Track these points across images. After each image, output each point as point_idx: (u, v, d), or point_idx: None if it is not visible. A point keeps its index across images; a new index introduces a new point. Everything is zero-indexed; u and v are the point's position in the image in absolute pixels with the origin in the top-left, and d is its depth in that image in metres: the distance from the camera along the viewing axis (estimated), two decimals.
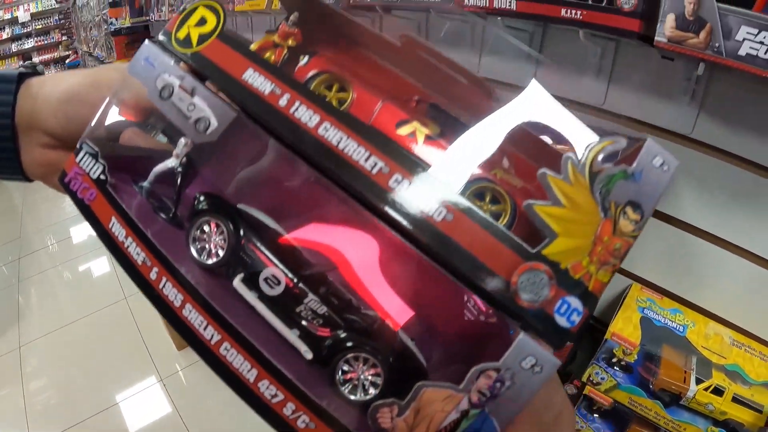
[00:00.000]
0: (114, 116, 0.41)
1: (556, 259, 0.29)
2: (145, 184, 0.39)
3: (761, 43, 0.64)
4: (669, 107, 0.96)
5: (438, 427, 0.29)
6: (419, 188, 0.31)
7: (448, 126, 0.37)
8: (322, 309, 0.34)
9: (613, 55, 1.00)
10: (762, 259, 0.97)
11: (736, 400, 0.90)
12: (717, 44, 0.68)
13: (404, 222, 0.30)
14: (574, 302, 0.29)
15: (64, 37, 8.35)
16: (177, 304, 0.33)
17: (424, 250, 0.30)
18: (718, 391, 0.91)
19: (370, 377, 0.33)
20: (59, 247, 3.84)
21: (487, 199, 0.35)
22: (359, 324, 0.34)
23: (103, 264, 3.48)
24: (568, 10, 0.83)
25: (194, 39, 0.38)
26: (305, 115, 0.33)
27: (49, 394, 2.60)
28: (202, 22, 0.38)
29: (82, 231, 3.90)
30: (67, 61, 8.26)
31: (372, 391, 0.32)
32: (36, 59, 8.25)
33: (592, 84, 1.02)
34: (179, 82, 0.37)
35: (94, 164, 0.38)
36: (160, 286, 0.34)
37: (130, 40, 3.59)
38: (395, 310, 0.34)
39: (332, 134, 0.32)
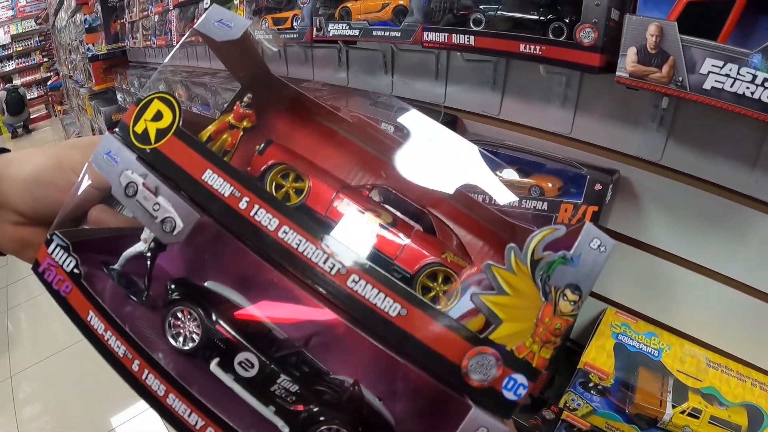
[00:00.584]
0: (78, 198, 0.42)
1: (502, 342, 0.33)
2: (116, 267, 0.41)
3: (727, 75, 0.61)
4: (637, 134, 0.97)
5: None
6: (374, 287, 0.34)
7: (399, 208, 0.40)
8: (294, 387, 0.37)
9: (578, 84, 1.01)
10: (735, 282, 0.97)
11: (713, 421, 0.90)
12: (681, 78, 0.66)
13: (363, 321, 0.33)
14: (520, 378, 0.32)
15: (45, 59, 8.33)
16: (161, 393, 0.36)
17: (383, 342, 0.33)
18: (694, 414, 0.91)
19: None
20: None
21: (440, 280, 0.38)
22: (330, 395, 0.37)
23: None
24: (527, 46, 0.81)
25: (152, 134, 0.40)
26: (265, 218, 0.36)
27: (44, 420, 2.58)
28: (159, 116, 0.40)
29: None
30: (48, 83, 8.23)
31: None
32: (17, 81, 8.23)
33: (558, 113, 1.02)
34: (143, 180, 0.38)
35: (67, 257, 0.40)
36: (143, 377, 0.36)
37: (107, 66, 3.58)
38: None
39: (291, 237, 0.35)
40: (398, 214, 0.40)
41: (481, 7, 0.82)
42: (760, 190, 0.87)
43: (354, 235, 0.37)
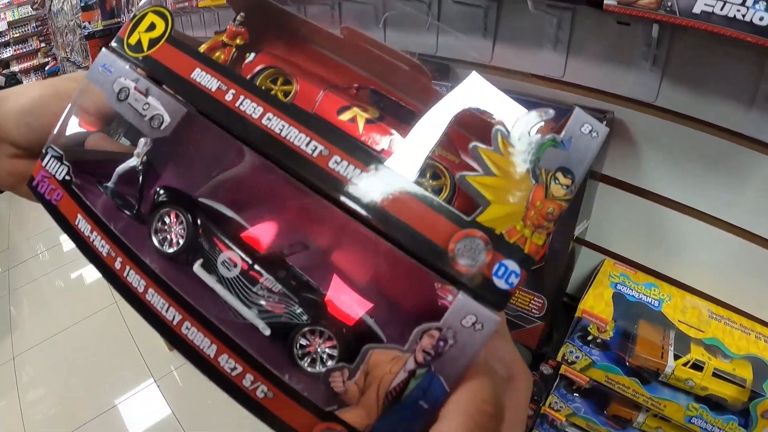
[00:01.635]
0: (76, 124, 0.43)
1: (491, 225, 0.31)
2: (109, 184, 0.41)
3: None
4: (630, 75, 0.95)
5: (388, 388, 0.30)
6: (356, 167, 0.33)
7: (388, 110, 0.39)
8: (277, 287, 0.36)
9: (569, 25, 0.99)
10: (738, 229, 0.96)
11: (717, 375, 0.89)
12: (669, 3, 0.65)
13: (348, 202, 0.32)
14: (512, 265, 0.31)
15: (43, 44, 8.29)
16: (140, 289, 0.36)
17: (367, 226, 0.32)
18: (697, 367, 0.89)
19: (327, 350, 0.35)
20: (49, 255, 3.83)
21: (428, 175, 0.37)
22: (314, 300, 0.36)
23: (93, 269, 3.43)
24: None
25: (145, 44, 0.40)
26: (249, 107, 0.36)
27: (48, 403, 2.61)
28: (152, 27, 0.40)
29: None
30: (46, 68, 8.20)
31: (330, 362, 0.34)
32: (15, 68, 8.19)
33: (550, 56, 1.01)
34: (134, 84, 0.39)
35: (59, 166, 0.41)
36: (125, 274, 0.37)
37: (104, 43, 3.55)
38: (353, 302, 0.36)
39: (275, 123, 0.35)
40: (386, 111, 0.39)
41: None
42: (758, 129, 0.85)
43: (338, 124, 0.37)
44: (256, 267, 0.37)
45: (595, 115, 0.82)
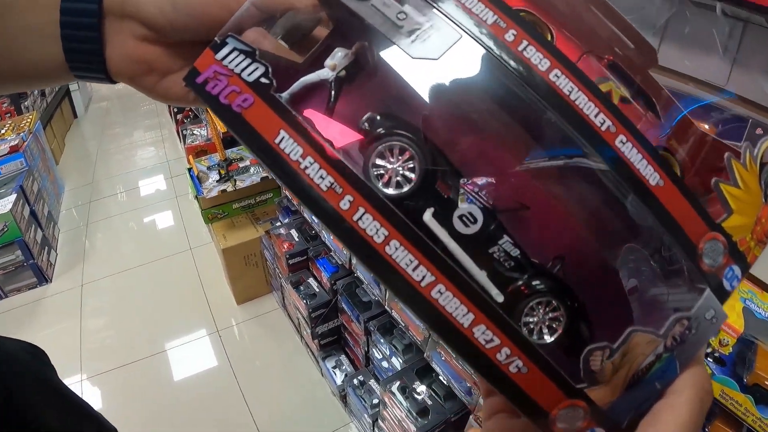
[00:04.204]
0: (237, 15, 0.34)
1: (730, 232, 0.34)
2: (285, 95, 0.33)
3: None
4: None
5: (637, 369, 0.32)
6: (638, 151, 0.33)
7: (632, 91, 0.37)
8: (515, 251, 0.33)
9: (740, 35, 0.99)
10: None
11: None
12: None
13: (623, 182, 0.32)
14: (737, 270, 0.35)
15: None
16: (378, 239, 0.29)
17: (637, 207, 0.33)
18: None
19: (551, 321, 0.33)
20: (127, 196, 3.92)
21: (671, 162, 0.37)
22: (545, 269, 0.34)
23: (167, 217, 3.57)
24: None
25: None
26: (535, 56, 0.32)
27: (105, 333, 2.67)
28: None
29: (150, 184, 4.01)
30: None
31: (547, 338, 0.33)
32: None
33: (715, 63, 1.03)
34: None
35: (250, 64, 0.32)
36: (355, 217, 0.29)
37: None
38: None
39: (563, 83, 0.32)
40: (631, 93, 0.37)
41: None
42: None
43: (606, 99, 0.34)
44: (497, 225, 0.33)
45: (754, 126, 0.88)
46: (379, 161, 0.32)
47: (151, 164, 4.30)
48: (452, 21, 0.32)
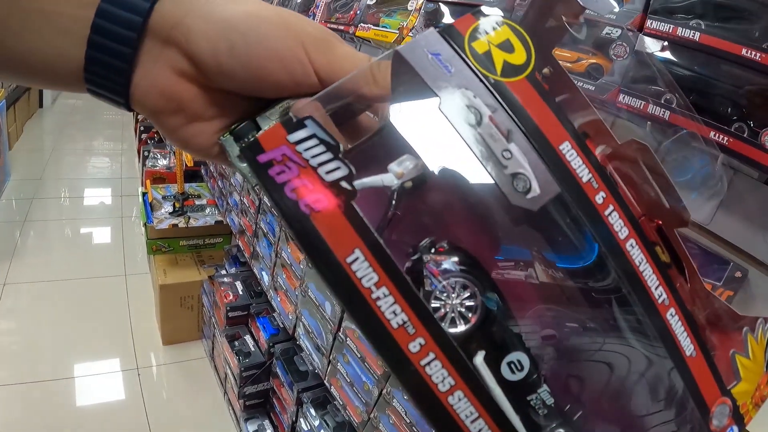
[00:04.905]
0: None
1: (736, 397, 0.39)
2: (350, 187, 0.29)
3: None
4: None
5: None
6: (683, 325, 0.36)
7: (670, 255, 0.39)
8: (551, 400, 0.33)
9: (728, 182, 1.04)
10: None
11: None
12: None
13: (667, 352, 0.36)
14: (736, 430, 0.39)
15: None
16: (443, 388, 0.28)
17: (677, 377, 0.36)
18: None
19: None
20: (71, 203, 3.82)
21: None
22: (573, 420, 0.35)
23: (107, 235, 3.47)
24: (717, 134, 0.90)
25: (498, 63, 0.31)
26: (617, 223, 0.33)
27: (13, 338, 2.53)
28: (508, 47, 0.32)
29: (98, 196, 3.92)
30: None
31: None
32: None
33: (702, 203, 1.05)
34: (489, 113, 0.30)
35: (331, 159, 0.28)
36: (423, 362, 0.27)
37: None
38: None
39: (636, 254, 0.34)
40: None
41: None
42: None
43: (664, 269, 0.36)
44: (538, 375, 0.33)
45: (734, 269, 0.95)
46: (439, 293, 0.30)
47: (103, 176, 4.21)
48: (552, 173, 0.32)
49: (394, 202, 0.30)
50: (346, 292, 0.27)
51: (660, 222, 0.37)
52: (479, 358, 0.30)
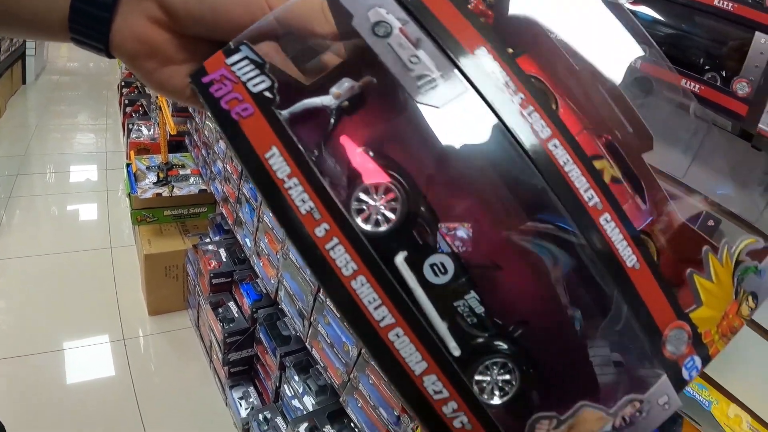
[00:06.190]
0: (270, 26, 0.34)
1: (696, 323, 0.35)
2: (285, 113, 0.32)
3: None
4: (743, 195, 1.06)
5: None
6: (620, 231, 0.33)
7: (623, 172, 0.38)
8: (480, 308, 0.32)
9: (702, 135, 1.06)
10: None
11: None
12: None
13: (601, 261, 0.33)
14: (698, 361, 0.35)
15: None
16: (346, 272, 0.29)
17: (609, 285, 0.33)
18: None
19: (504, 384, 0.32)
20: (56, 178, 3.78)
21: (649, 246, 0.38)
22: (506, 330, 0.33)
23: (93, 210, 3.43)
24: (688, 82, 0.94)
25: None
26: (537, 123, 0.32)
27: (1, 314, 2.51)
28: None
29: (83, 171, 3.87)
30: None
31: (497, 399, 0.32)
32: None
33: (677, 157, 1.10)
34: (399, 25, 0.32)
35: (257, 75, 0.32)
36: (327, 246, 0.29)
37: None
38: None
39: (560, 153, 0.32)
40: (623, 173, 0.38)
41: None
42: None
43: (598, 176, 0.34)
44: (465, 280, 0.32)
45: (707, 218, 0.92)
46: (363, 196, 0.32)
47: (88, 151, 4.15)
48: (463, 75, 0.32)
49: (332, 120, 0.34)
50: (264, 183, 0.30)
51: (608, 137, 0.38)
52: (399, 258, 0.31)
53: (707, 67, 0.95)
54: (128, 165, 2.68)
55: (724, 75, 0.93)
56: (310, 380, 1.70)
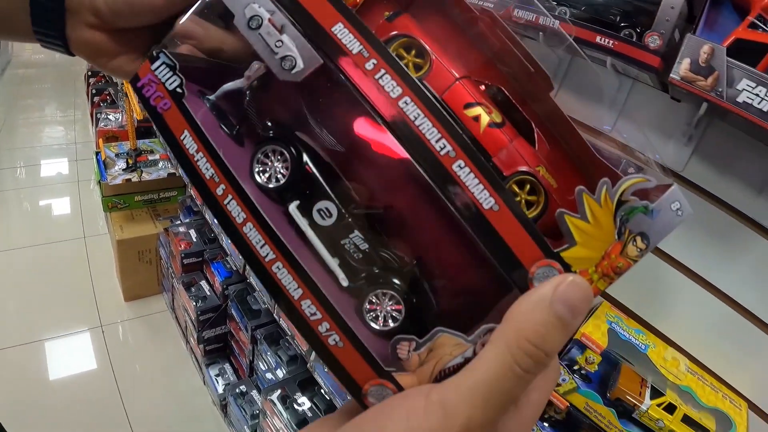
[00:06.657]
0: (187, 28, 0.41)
1: (570, 263, 0.37)
2: (212, 98, 0.41)
3: (757, 95, 0.80)
4: (667, 145, 1.12)
5: (443, 366, 0.35)
6: (476, 176, 0.36)
7: (508, 115, 0.42)
8: (364, 245, 0.39)
9: (628, 90, 1.15)
10: (727, 297, 1.10)
11: (685, 420, 0.96)
12: (720, 89, 0.82)
13: (458, 204, 0.36)
14: None
15: None
16: (239, 220, 0.37)
17: (468, 227, 0.36)
18: (670, 409, 0.97)
19: (392, 311, 0.39)
20: (26, 172, 3.80)
21: (526, 189, 0.42)
22: (392, 264, 0.40)
23: (65, 202, 3.45)
24: (603, 38, 0.99)
25: None
26: (389, 84, 0.36)
27: None
28: None
29: (53, 164, 3.90)
30: None
31: (391, 323, 0.38)
32: None
33: (604, 112, 1.06)
34: (269, 16, 0.38)
35: (171, 76, 0.40)
36: (225, 202, 0.37)
37: None
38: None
39: (411, 109, 0.36)
40: (506, 119, 0.42)
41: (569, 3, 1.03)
42: (761, 215, 1.06)
43: (463, 119, 0.40)
44: (350, 221, 0.39)
45: (627, 165, 0.95)
46: (262, 157, 0.40)
47: (58, 144, 4.12)
48: (320, 49, 0.38)
49: (248, 98, 0.41)
50: (183, 159, 0.38)
51: (488, 83, 0.43)
52: (292, 206, 0.39)
53: (623, 24, 1.00)
54: (97, 153, 2.67)
55: (638, 31, 0.98)
56: (281, 351, 1.75)
